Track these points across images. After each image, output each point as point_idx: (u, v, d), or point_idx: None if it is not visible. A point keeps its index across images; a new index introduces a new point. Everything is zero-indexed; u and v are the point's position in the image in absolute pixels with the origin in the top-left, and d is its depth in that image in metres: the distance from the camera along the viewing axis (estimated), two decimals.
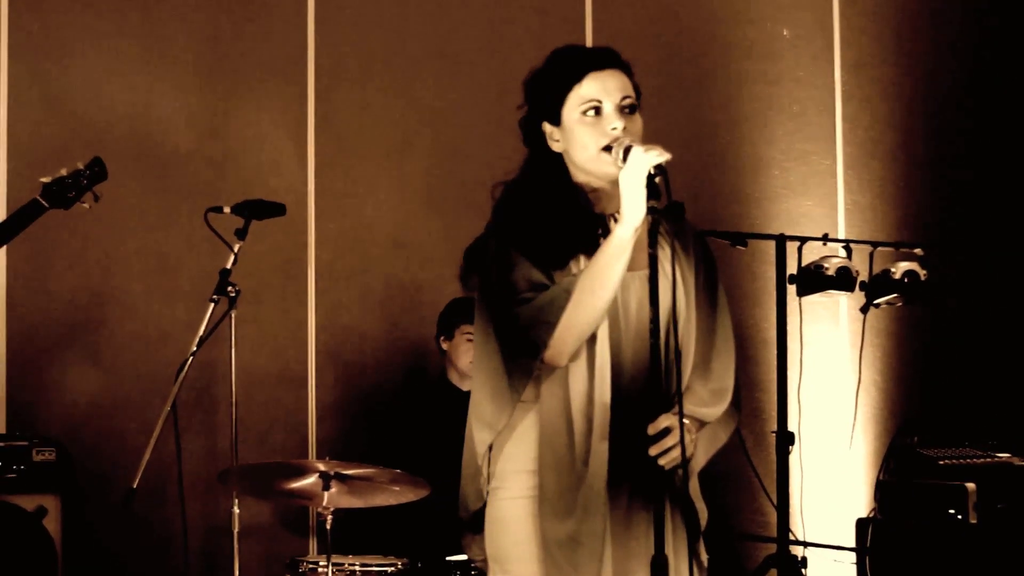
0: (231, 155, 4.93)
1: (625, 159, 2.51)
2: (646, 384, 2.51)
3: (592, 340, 2.58)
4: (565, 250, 2.60)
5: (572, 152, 2.65)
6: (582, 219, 2.64)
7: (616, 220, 2.55)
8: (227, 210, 4.16)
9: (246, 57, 4.97)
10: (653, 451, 2.51)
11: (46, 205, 3.90)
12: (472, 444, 2.69)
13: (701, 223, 3.20)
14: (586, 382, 2.59)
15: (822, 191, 5.67)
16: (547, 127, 2.68)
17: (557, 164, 2.68)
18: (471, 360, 4.39)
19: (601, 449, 2.57)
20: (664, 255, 2.62)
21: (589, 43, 5.35)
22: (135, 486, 3.80)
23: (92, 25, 4.81)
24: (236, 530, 4.08)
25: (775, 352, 4.36)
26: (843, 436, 5.28)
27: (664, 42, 5.51)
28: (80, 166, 3.95)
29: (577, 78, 2.63)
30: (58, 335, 4.68)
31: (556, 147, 2.68)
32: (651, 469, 2.51)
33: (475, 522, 2.72)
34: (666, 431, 2.52)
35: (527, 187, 2.68)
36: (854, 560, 4.80)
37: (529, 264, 2.57)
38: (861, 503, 5.33)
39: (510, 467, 2.65)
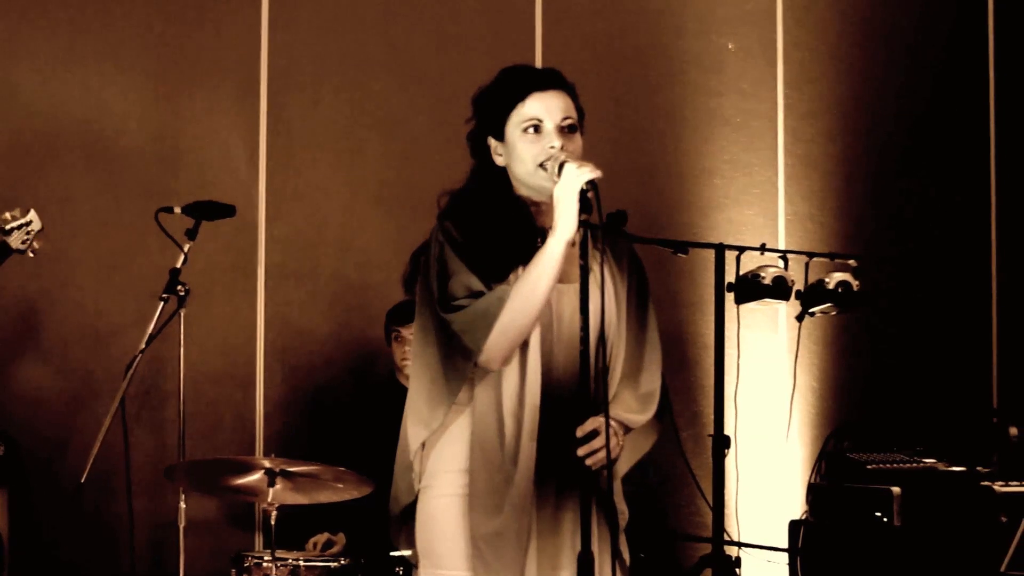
0: (183, 154, 4.97)
1: (560, 174, 2.62)
2: (575, 389, 2.62)
3: (524, 346, 2.69)
4: (505, 261, 2.70)
5: (512, 166, 2.77)
6: (522, 232, 2.74)
7: None
8: (177, 210, 4.21)
9: (199, 57, 5.01)
10: (581, 452, 2.62)
11: (12, 248, 3.98)
12: (406, 440, 2.79)
13: (645, 231, 3.30)
14: (517, 386, 2.69)
15: (763, 201, 5.78)
16: (492, 142, 2.79)
17: (500, 177, 2.79)
18: (401, 357, 4.52)
19: (530, 449, 2.68)
20: (597, 268, 2.73)
21: (538, 52, 5.45)
22: (83, 480, 3.85)
23: (45, 21, 4.83)
24: (182, 525, 4.13)
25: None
26: (779, 440, 5.41)
27: (611, 52, 5.60)
28: (19, 214, 4.01)
29: (521, 97, 2.75)
30: (8, 330, 4.69)
31: (499, 161, 2.79)
32: (577, 469, 2.62)
33: (405, 517, 2.82)
34: (594, 433, 2.63)
35: (471, 198, 2.79)
36: (787, 561, 4.92)
37: (468, 272, 2.68)
38: (796, 505, 5.45)
39: (441, 466, 2.75)
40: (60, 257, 4.77)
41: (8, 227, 4.00)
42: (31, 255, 4.06)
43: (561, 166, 2.62)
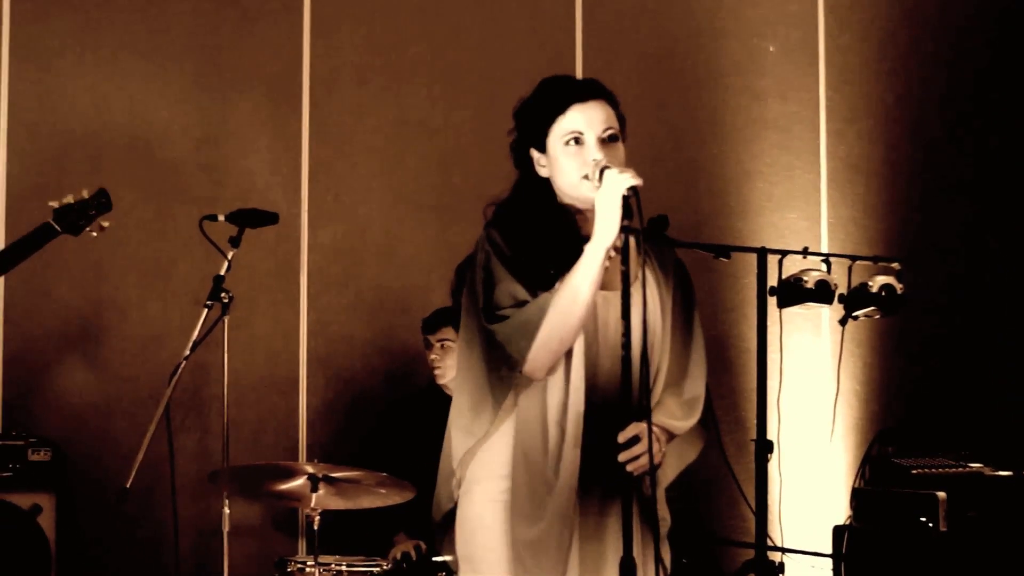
0: (226, 163, 5.01)
1: (600, 180, 2.61)
2: (620, 396, 2.61)
3: (568, 354, 2.68)
4: (551, 270, 2.69)
5: (556, 178, 2.77)
6: (567, 240, 2.73)
7: None
8: (221, 218, 4.24)
9: (242, 66, 5.05)
10: (622, 458, 2.61)
11: (58, 229, 4.00)
12: (450, 448, 2.79)
13: (686, 235, 3.29)
14: (562, 394, 2.69)
15: (806, 205, 5.75)
16: (534, 153, 2.79)
17: (544, 187, 2.79)
18: (432, 363, 4.53)
19: (573, 457, 2.67)
20: (640, 275, 2.72)
21: (579, 58, 5.45)
22: (128, 486, 3.87)
23: (92, 33, 4.90)
24: (226, 530, 4.15)
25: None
26: (822, 444, 5.37)
27: (652, 56, 5.60)
28: (86, 195, 4.03)
29: (561, 109, 2.74)
30: (55, 338, 4.75)
31: (543, 172, 2.79)
32: (620, 476, 2.60)
33: (446, 523, 2.82)
34: (635, 439, 2.62)
35: (516, 208, 2.79)
36: (831, 566, 4.89)
37: (514, 281, 2.67)
38: (840, 510, 5.42)
39: (482, 472, 2.75)
40: (105, 265, 4.83)
41: (57, 207, 4.01)
42: (94, 235, 4.08)
43: (602, 172, 2.62)
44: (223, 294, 4.14)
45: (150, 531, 4.65)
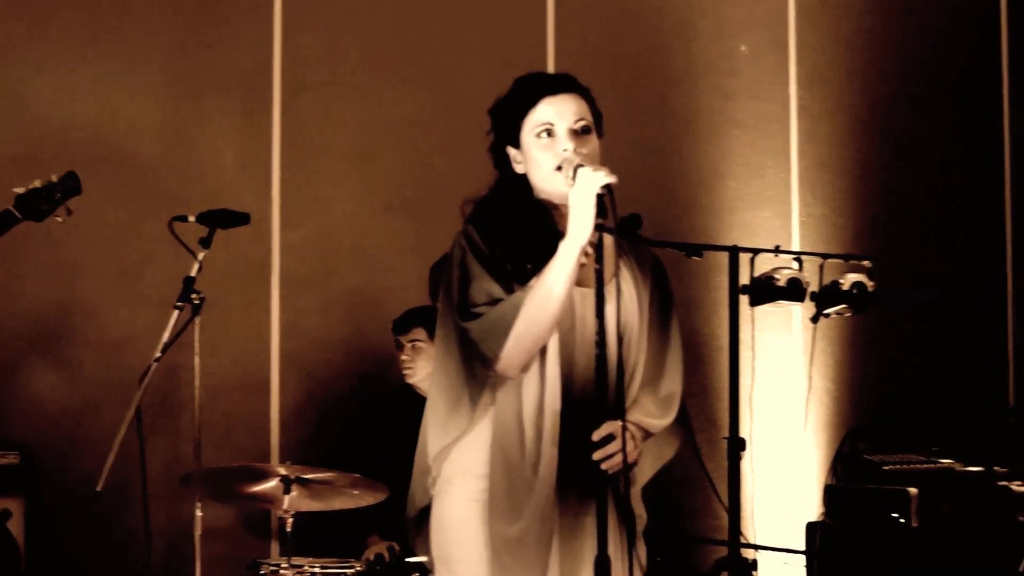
0: (196, 163, 4.99)
1: (574, 178, 2.61)
2: (595, 394, 2.62)
3: (543, 352, 2.68)
4: (527, 266, 2.69)
5: (530, 172, 2.78)
6: (544, 235, 2.73)
7: None
8: (192, 219, 4.21)
9: (212, 66, 5.03)
10: (596, 456, 2.61)
11: (19, 216, 3.93)
12: (425, 445, 2.79)
13: (658, 234, 3.30)
14: (537, 392, 2.69)
15: (777, 203, 5.78)
16: (511, 151, 2.80)
17: (521, 185, 2.80)
18: (402, 365, 4.54)
19: (551, 455, 2.67)
20: (620, 274, 2.72)
21: (550, 57, 5.45)
22: (99, 489, 3.85)
23: (59, 32, 4.86)
24: (198, 533, 4.12)
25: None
26: (794, 442, 5.39)
27: (624, 56, 5.61)
28: (54, 179, 3.98)
29: (532, 103, 2.76)
30: (23, 340, 4.71)
31: (519, 169, 2.80)
32: (597, 474, 2.61)
33: (421, 520, 2.82)
34: (610, 437, 2.62)
35: (493, 205, 2.80)
36: (804, 563, 4.91)
37: (489, 278, 2.68)
38: (812, 507, 5.44)
39: (458, 470, 2.75)
40: (74, 266, 4.79)
41: (22, 192, 3.94)
42: (59, 220, 4.01)
43: (576, 169, 2.62)
44: (194, 295, 4.11)
45: (121, 534, 4.62)
